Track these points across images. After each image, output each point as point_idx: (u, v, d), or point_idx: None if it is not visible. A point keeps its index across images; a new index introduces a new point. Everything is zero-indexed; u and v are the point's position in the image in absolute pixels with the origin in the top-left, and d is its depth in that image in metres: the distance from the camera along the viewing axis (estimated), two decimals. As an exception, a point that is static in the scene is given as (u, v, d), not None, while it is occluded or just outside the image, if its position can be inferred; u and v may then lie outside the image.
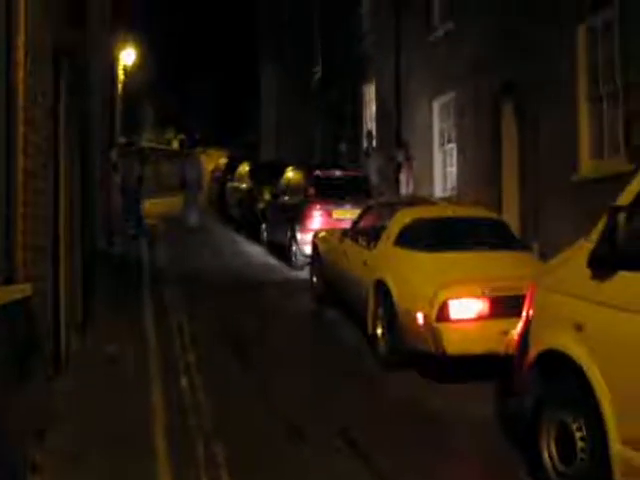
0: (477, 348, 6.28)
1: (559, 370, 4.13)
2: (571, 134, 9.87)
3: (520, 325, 4.69)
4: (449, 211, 9.04)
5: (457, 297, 6.42)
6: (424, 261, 7.15)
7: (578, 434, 3.95)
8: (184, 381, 6.57)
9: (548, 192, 10.44)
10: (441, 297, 6.41)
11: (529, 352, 4.45)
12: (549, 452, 4.24)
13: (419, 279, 6.90)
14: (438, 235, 7.71)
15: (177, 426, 5.52)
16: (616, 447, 3.60)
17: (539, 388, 4.38)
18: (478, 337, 6.32)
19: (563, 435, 4.09)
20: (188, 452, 5.05)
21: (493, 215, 8.99)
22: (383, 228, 8.17)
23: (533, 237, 10.50)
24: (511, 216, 11.01)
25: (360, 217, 9.46)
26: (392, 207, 9.11)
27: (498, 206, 11.58)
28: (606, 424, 3.65)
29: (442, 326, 6.34)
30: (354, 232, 9.06)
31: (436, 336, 6.35)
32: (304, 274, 11.68)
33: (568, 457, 4.04)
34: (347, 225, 10.16)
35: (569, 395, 4.05)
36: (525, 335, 4.57)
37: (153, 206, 24.43)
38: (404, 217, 7.97)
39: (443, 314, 6.36)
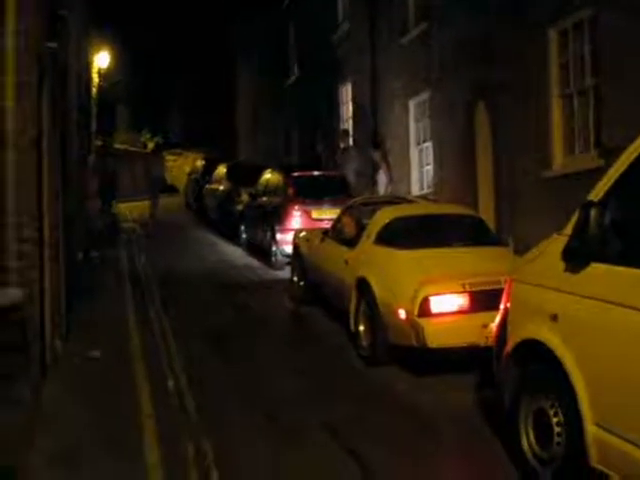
0: (458, 341, 6.44)
1: (536, 359, 4.28)
2: (543, 131, 10.08)
3: (498, 317, 4.85)
4: (427, 209, 9.21)
5: (438, 293, 6.58)
6: (404, 258, 7.29)
7: (555, 419, 4.11)
8: (170, 382, 6.66)
9: (522, 188, 10.64)
10: (422, 293, 6.56)
11: (507, 343, 4.60)
12: (528, 438, 4.39)
13: (400, 276, 7.05)
14: (417, 233, 7.84)
15: (166, 423, 5.63)
16: (590, 429, 3.76)
17: (517, 377, 4.52)
18: (459, 330, 6.47)
19: (541, 421, 4.24)
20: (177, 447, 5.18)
21: (470, 212, 9.16)
22: (363, 227, 8.32)
23: (509, 232, 10.70)
24: (487, 212, 11.20)
25: (340, 217, 9.59)
26: (371, 206, 9.27)
27: (474, 203, 11.76)
28: (581, 408, 3.81)
29: (424, 321, 6.49)
30: (335, 231, 9.20)
31: (418, 331, 6.50)
32: (284, 274, 11.80)
33: (546, 442, 4.20)
34: (326, 225, 10.30)
35: (546, 382, 4.20)
36: (503, 327, 4.72)
37: (129, 209, 24.41)
38: (384, 216, 8.11)
39: (424, 309, 6.52)
